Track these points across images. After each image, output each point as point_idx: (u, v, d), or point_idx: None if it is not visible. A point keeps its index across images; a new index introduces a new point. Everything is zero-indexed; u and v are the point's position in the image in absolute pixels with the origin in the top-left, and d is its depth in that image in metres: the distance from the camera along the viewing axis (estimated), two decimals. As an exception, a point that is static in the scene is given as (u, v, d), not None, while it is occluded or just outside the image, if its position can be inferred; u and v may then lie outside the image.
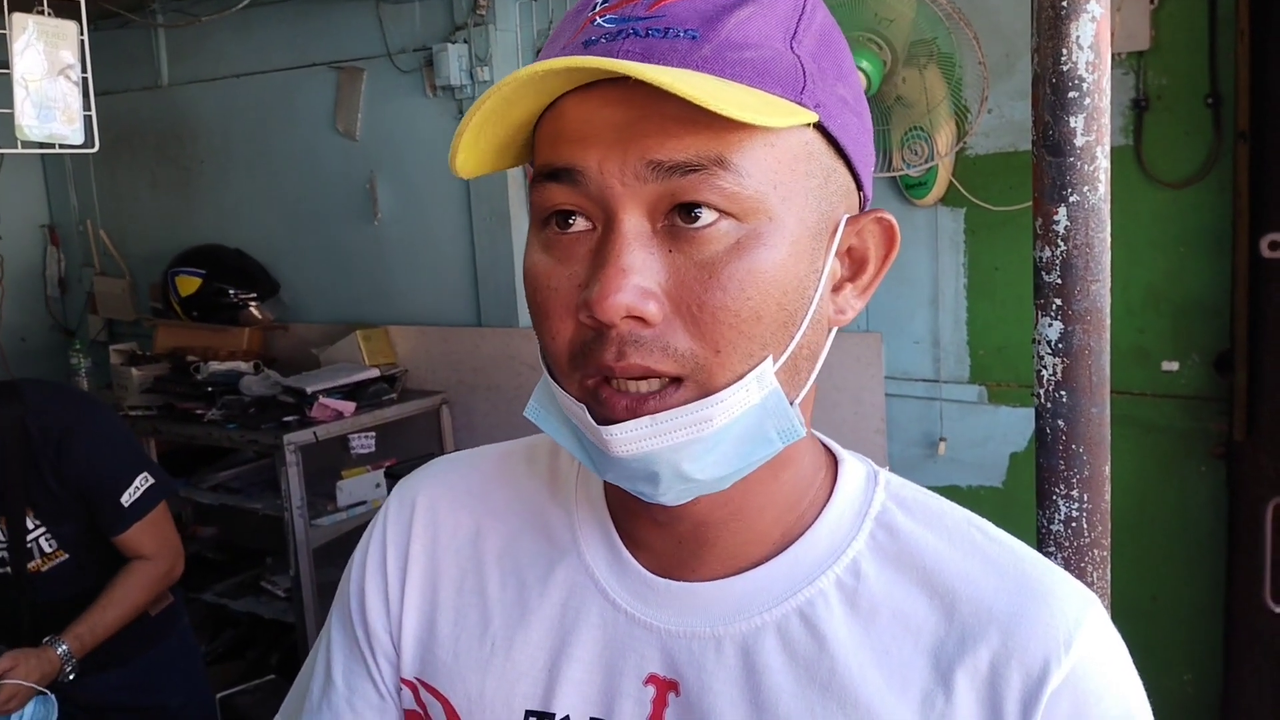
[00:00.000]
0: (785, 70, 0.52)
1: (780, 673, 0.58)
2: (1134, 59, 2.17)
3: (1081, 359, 0.98)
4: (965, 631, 0.57)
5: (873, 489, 0.63)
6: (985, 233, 2.39)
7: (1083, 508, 1.02)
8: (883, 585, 0.59)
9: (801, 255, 0.54)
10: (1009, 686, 0.55)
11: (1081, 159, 0.94)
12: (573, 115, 0.52)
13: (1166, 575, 2.29)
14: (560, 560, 0.65)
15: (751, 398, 0.53)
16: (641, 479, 0.55)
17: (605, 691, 0.62)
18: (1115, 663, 0.58)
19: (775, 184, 0.52)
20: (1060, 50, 0.92)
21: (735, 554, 0.61)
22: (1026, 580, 0.58)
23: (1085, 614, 0.57)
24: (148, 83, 3.76)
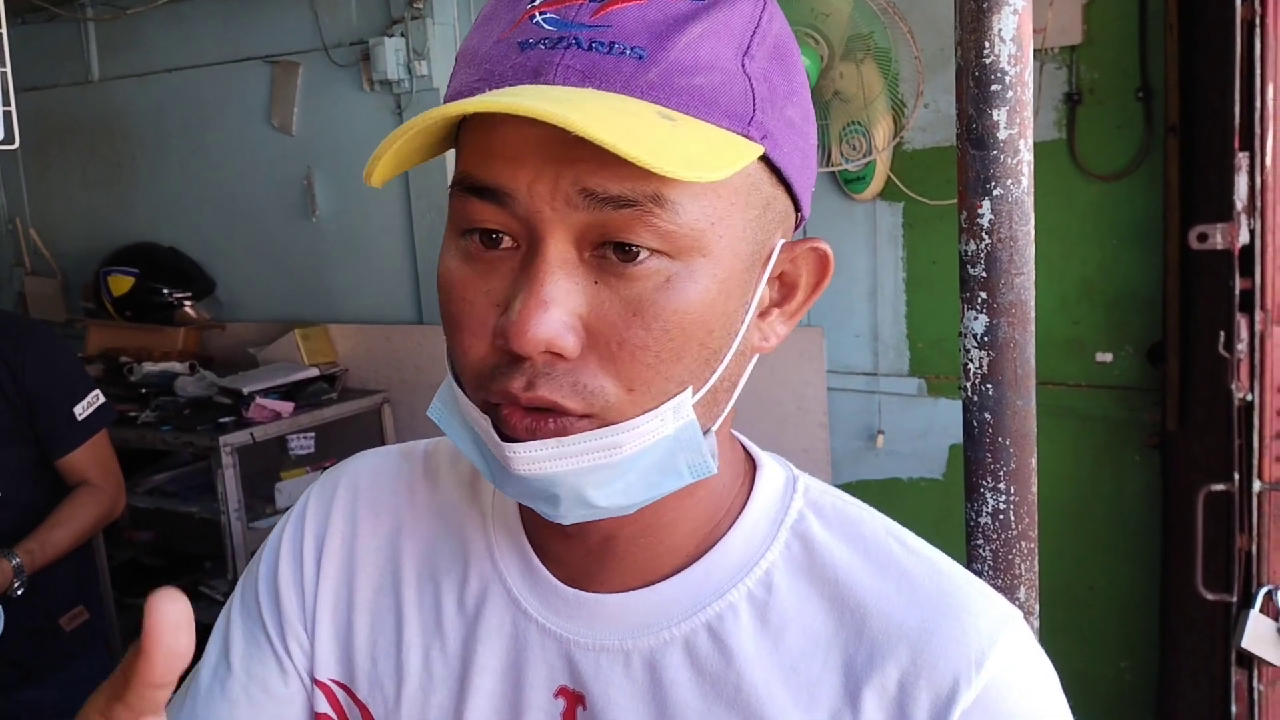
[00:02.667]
0: (735, 97, 0.50)
1: (686, 688, 0.57)
2: (1066, 53, 2.19)
3: (1007, 352, 0.98)
4: (875, 648, 0.55)
5: (790, 497, 0.61)
6: (923, 227, 2.40)
7: (1010, 500, 1.02)
8: (794, 599, 0.57)
9: (733, 290, 0.52)
10: (917, 706, 0.54)
11: (1005, 152, 0.94)
12: (504, 130, 0.49)
13: (1103, 564, 2.32)
14: (475, 567, 0.64)
15: (665, 428, 0.51)
16: (541, 499, 0.53)
17: (515, 703, 0.60)
18: (1033, 682, 0.55)
19: (713, 220, 0.50)
20: (983, 43, 0.91)
21: (646, 567, 0.59)
22: (941, 596, 0.56)
23: (1001, 632, 0.55)
24: (78, 78, 3.66)
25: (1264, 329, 1.60)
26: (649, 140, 0.45)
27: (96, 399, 1.87)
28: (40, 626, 1.83)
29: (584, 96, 0.47)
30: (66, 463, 1.85)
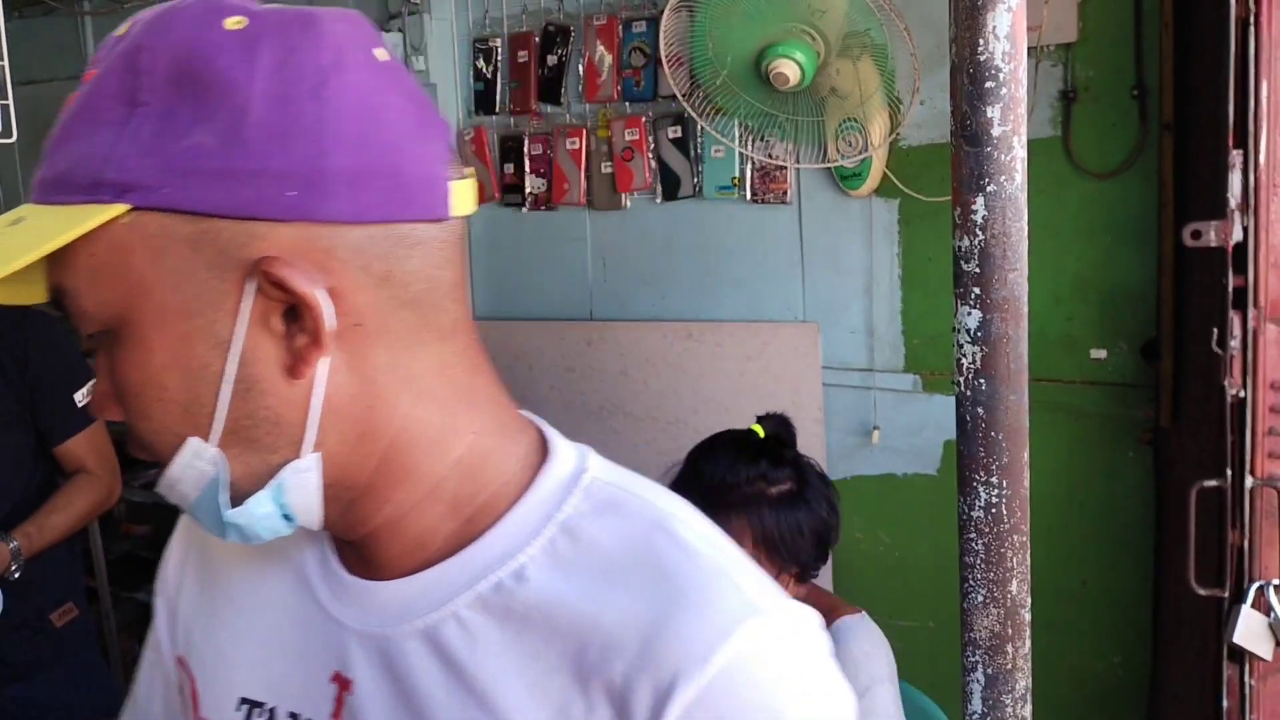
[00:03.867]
0: (84, 170, 0.52)
1: (432, 676, 0.58)
2: (1062, 51, 2.20)
3: (1000, 347, 0.99)
4: (609, 640, 0.55)
5: (569, 491, 0.60)
6: (919, 223, 2.41)
7: (1002, 494, 1.03)
8: (544, 592, 0.57)
9: (180, 340, 0.53)
10: (639, 700, 0.53)
11: (999, 149, 0.95)
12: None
13: (1096, 560, 2.33)
14: (283, 555, 0.67)
15: (200, 469, 0.55)
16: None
17: (303, 685, 0.64)
18: (770, 679, 0.54)
19: (119, 289, 0.53)
20: (977, 40, 0.92)
21: (405, 557, 0.60)
22: (684, 588, 0.55)
23: (737, 627, 0.54)
24: (75, 72, 3.65)
25: (1257, 326, 1.60)
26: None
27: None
28: (31, 623, 1.84)
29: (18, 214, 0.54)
30: (65, 449, 1.86)
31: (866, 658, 1.54)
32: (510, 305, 3.00)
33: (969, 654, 0.98)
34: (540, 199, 2.86)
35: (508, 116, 2.87)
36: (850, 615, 1.59)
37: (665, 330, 2.72)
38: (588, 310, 2.88)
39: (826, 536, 1.56)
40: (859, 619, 1.59)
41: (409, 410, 0.57)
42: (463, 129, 2.94)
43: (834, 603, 1.63)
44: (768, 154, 2.40)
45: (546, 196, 2.85)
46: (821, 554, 1.57)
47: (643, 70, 2.63)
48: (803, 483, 1.54)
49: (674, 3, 2.25)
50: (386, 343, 0.56)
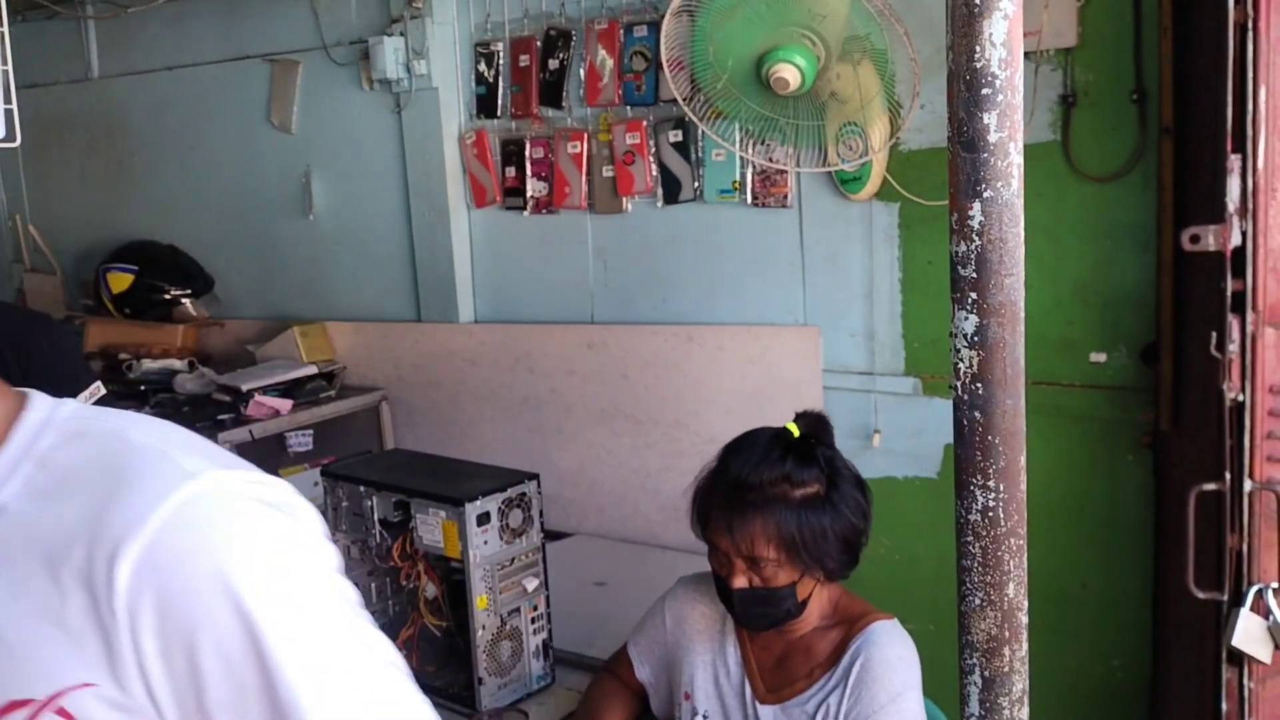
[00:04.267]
0: None
1: None
2: (1062, 55, 2.21)
3: (997, 352, 1.00)
4: (70, 537, 0.62)
5: (41, 434, 0.67)
6: (919, 227, 2.41)
7: (999, 498, 1.04)
8: (20, 518, 0.63)
9: None
10: (97, 573, 0.60)
11: (995, 155, 0.95)
12: None
13: (1096, 562, 2.33)
14: None
15: None
16: None
17: None
18: (205, 526, 0.62)
19: None
20: (974, 47, 0.93)
21: None
22: (127, 475, 0.63)
23: (171, 491, 0.62)
24: (77, 75, 3.67)
25: (1255, 330, 1.61)
26: None
27: (99, 390, 1.92)
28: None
29: None
30: None
31: (900, 662, 1.53)
32: (511, 308, 3.00)
33: (966, 657, 0.98)
34: (541, 202, 2.87)
35: (509, 120, 2.88)
36: (883, 620, 1.57)
37: (666, 333, 2.73)
38: (589, 313, 2.89)
39: (854, 541, 1.54)
40: (891, 624, 1.57)
41: None
42: (464, 133, 2.95)
43: (865, 607, 1.60)
44: (768, 158, 2.41)
45: (548, 200, 2.85)
46: (850, 558, 1.55)
47: (644, 74, 2.64)
48: (831, 485, 1.53)
49: (675, 7, 2.26)
50: None
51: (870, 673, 1.50)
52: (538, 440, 2.89)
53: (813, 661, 1.57)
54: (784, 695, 1.57)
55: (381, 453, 2.90)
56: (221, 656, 0.61)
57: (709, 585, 1.64)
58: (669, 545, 2.69)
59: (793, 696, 1.56)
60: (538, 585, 1.87)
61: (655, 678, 1.71)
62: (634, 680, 1.72)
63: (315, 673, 0.63)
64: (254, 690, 0.62)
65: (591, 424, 2.83)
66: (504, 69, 2.86)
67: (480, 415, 2.98)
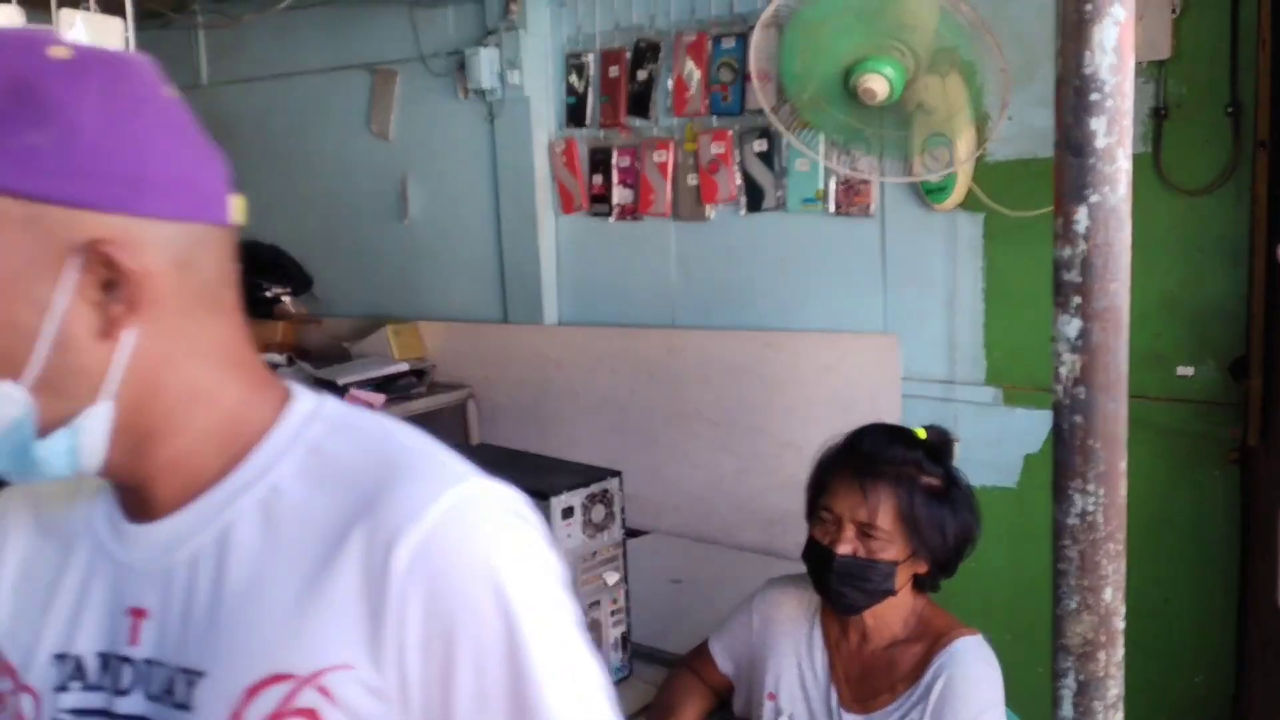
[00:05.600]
0: None
1: (210, 583, 0.69)
2: (1154, 68, 2.20)
3: (1099, 356, 1.02)
4: (349, 518, 0.67)
5: (311, 423, 0.73)
6: (1003, 237, 2.42)
7: (1098, 502, 1.06)
8: (299, 498, 0.69)
9: (4, 299, 0.63)
10: (373, 557, 0.65)
11: (1102, 160, 0.98)
12: None
13: (1180, 578, 2.31)
14: (82, 522, 0.77)
15: (8, 411, 0.64)
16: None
17: (105, 627, 0.73)
18: (473, 530, 0.67)
19: None
20: (1083, 53, 0.96)
21: (170, 499, 0.71)
22: (400, 469, 0.68)
23: (445, 489, 0.67)
24: (187, 82, 3.85)
25: (1349, 345, 1.60)
26: None
27: None
28: None
29: None
30: None
31: (984, 681, 1.53)
32: (595, 311, 3.08)
33: (1061, 660, 1.01)
34: (627, 209, 2.94)
35: (597, 129, 2.95)
36: (969, 636, 1.57)
37: (745, 339, 2.77)
38: (670, 318, 2.95)
39: (963, 547, 1.57)
40: (976, 641, 1.56)
41: (193, 371, 0.69)
42: (554, 141, 3.03)
43: (950, 622, 1.60)
44: (852, 167, 2.44)
45: (633, 207, 2.92)
46: (953, 563, 1.58)
47: (730, 85, 2.69)
48: (953, 485, 1.58)
49: (765, 19, 2.31)
50: (181, 316, 0.68)
51: (953, 690, 1.51)
52: (618, 440, 2.95)
53: (896, 675, 1.58)
54: (868, 706, 1.59)
55: (468, 447, 2.99)
56: (478, 653, 0.65)
57: (798, 588, 1.67)
58: (744, 546, 2.73)
59: (876, 709, 1.58)
60: (618, 579, 1.92)
61: (738, 675, 1.74)
62: (713, 676, 1.76)
63: (563, 683, 0.67)
64: (502, 690, 0.66)
65: (670, 425, 2.89)
66: (594, 80, 2.93)
67: (562, 414, 3.06)
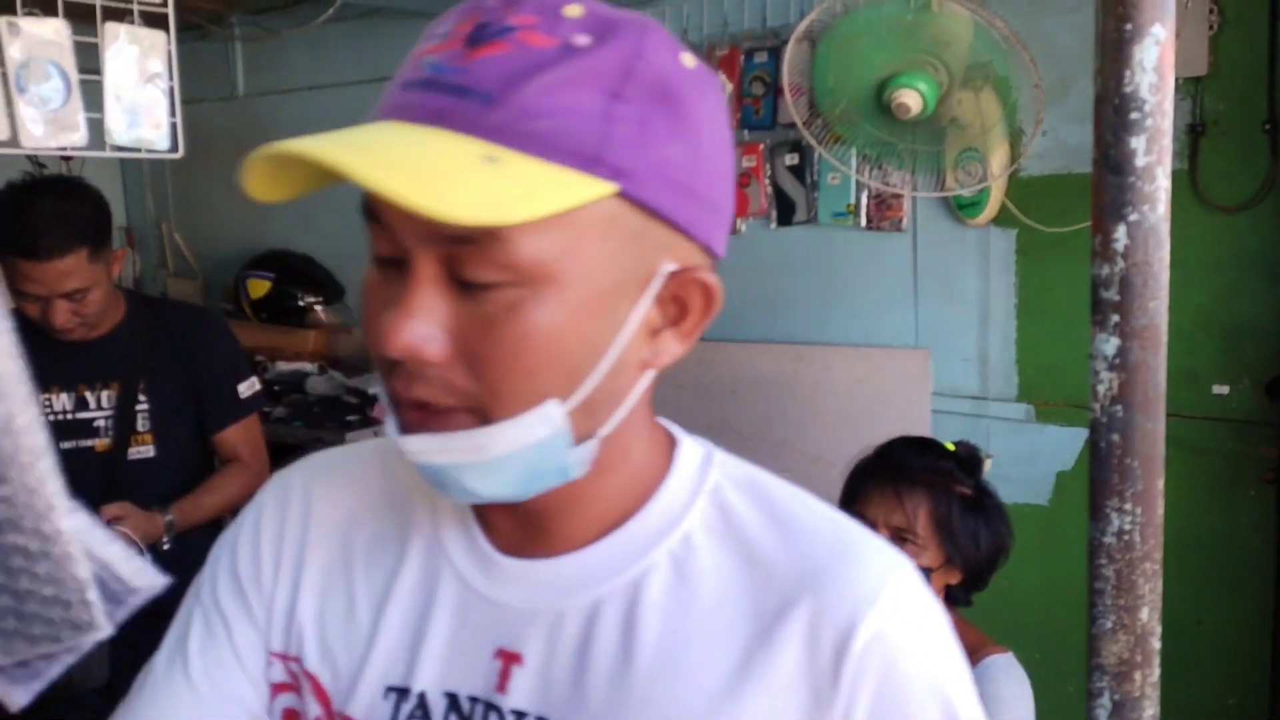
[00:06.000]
0: (582, 139, 0.53)
1: (613, 641, 0.63)
2: (1191, 84, 2.19)
3: (1138, 375, 1.02)
4: (783, 595, 0.61)
5: (707, 470, 0.67)
6: (1037, 253, 2.41)
7: (1135, 521, 1.06)
8: (710, 557, 0.63)
9: (592, 313, 0.56)
10: (822, 642, 0.60)
11: (1142, 179, 0.98)
12: None
13: (1213, 598, 2.29)
14: (421, 545, 0.69)
15: (534, 434, 0.57)
16: (433, 482, 0.60)
17: (458, 666, 0.66)
18: (926, 623, 0.62)
19: (562, 250, 0.54)
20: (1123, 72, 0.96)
21: (574, 534, 0.65)
22: (839, 545, 0.63)
23: (893, 574, 0.62)
24: (224, 93, 3.90)
25: (1390, 366, 1.58)
26: (449, 185, 0.50)
27: (255, 384, 2.06)
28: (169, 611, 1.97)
29: (422, 137, 0.52)
30: (223, 438, 2.02)
31: (1015, 701, 1.51)
32: (625, 323, 3.08)
33: (1096, 679, 1.00)
34: (658, 221, 2.94)
35: (629, 141, 2.96)
36: (999, 654, 1.55)
37: (775, 352, 2.77)
38: (700, 330, 2.94)
39: (995, 558, 1.57)
40: (1008, 659, 1.55)
41: (646, 409, 0.66)
42: (585, 152, 3.05)
43: (980, 639, 1.59)
44: (884, 182, 2.44)
45: (664, 219, 2.93)
46: (986, 575, 1.58)
47: (762, 99, 2.70)
48: (985, 495, 1.59)
49: (798, 34, 2.32)
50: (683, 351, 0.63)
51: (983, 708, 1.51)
52: (646, 452, 2.95)
53: None
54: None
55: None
56: None
57: None
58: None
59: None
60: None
61: None
62: None
63: None
64: None
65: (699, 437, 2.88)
66: (626, 92, 2.95)
67: (591, 426, 3.06)
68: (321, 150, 0.50)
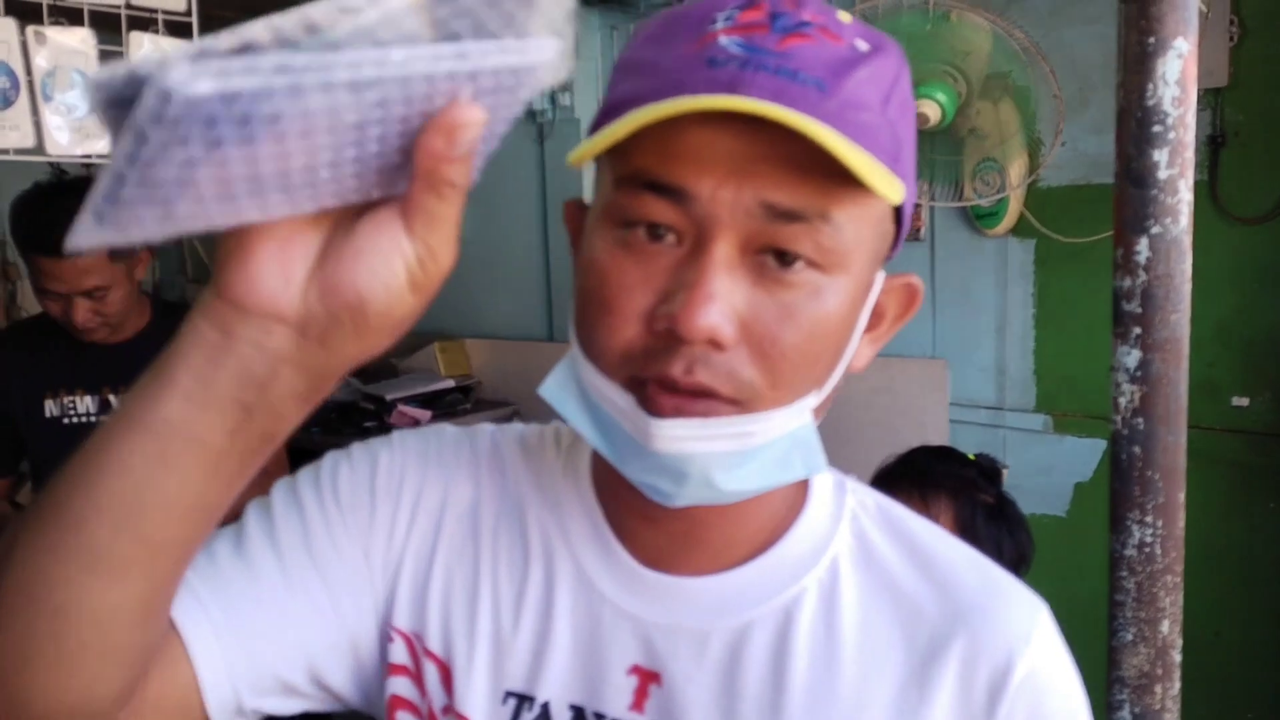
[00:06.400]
0: (886, 137, 0.55)
1: (762, 667, 0.61)
2: (1211, 95, 2.18)
3: (1160, 387, 1.02)
4: (935, 631, 0.61)
5: (843, 495, 0.67)
6: (1055, 263, 2.40)
7: (1157, 534, 1.06)
8: (855, 587, 0.63)
9: (855, 307, 0.57)
10: (978, 679, 0.60)
11: (1164, 192, 0.98)
12: (695, 136, 0.52)
13: (1231, 611, 2.27)
14: (546, 546, 0.66)
15: (790, 424, 0.56)
16: (667, 476, 0.56)
17: (587, 679, 0.63)
18: (1065, 660, 0.64)
19: (858, 242, 0.55)
20: (1146, 85, 0.96)
21: (722, 552, 0.63)
22: (986, 584, 0.63)
23: (1039, 613, 0.63)
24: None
25: None
26: (859, 156, 0.50)
27: None
28: None
29: (782, 115, 0.50)
30: None
31: None
32: (641, 331, 3.09)
33: (1116, 692, 1.00)
34: (675, 229, 2.95)
35: (647, 150, 2.97)
36: None
37: (792, 361, 2.76)
38: (716, 338, 2.95)
39: (1018, 568, 1.56)
40: None
41: None
42: (603, 161, 3.06)
43: None
44: (902, 191, 2.44)
45: (681, 227, 2.93)
46: None
47: (780, 108, 2.70)
48: (1007, 504, 1.59)
49: (816, 44, 2.32)
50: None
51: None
52: (662, 460, 2.96)
53: None
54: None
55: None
56: None
57: None
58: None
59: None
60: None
61: None
62: None
63: None
64: None
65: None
66: (644, 101, 2.96)
67: (607, 433, 3.07)
68: (773, 110, 0.49)
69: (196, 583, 0.60)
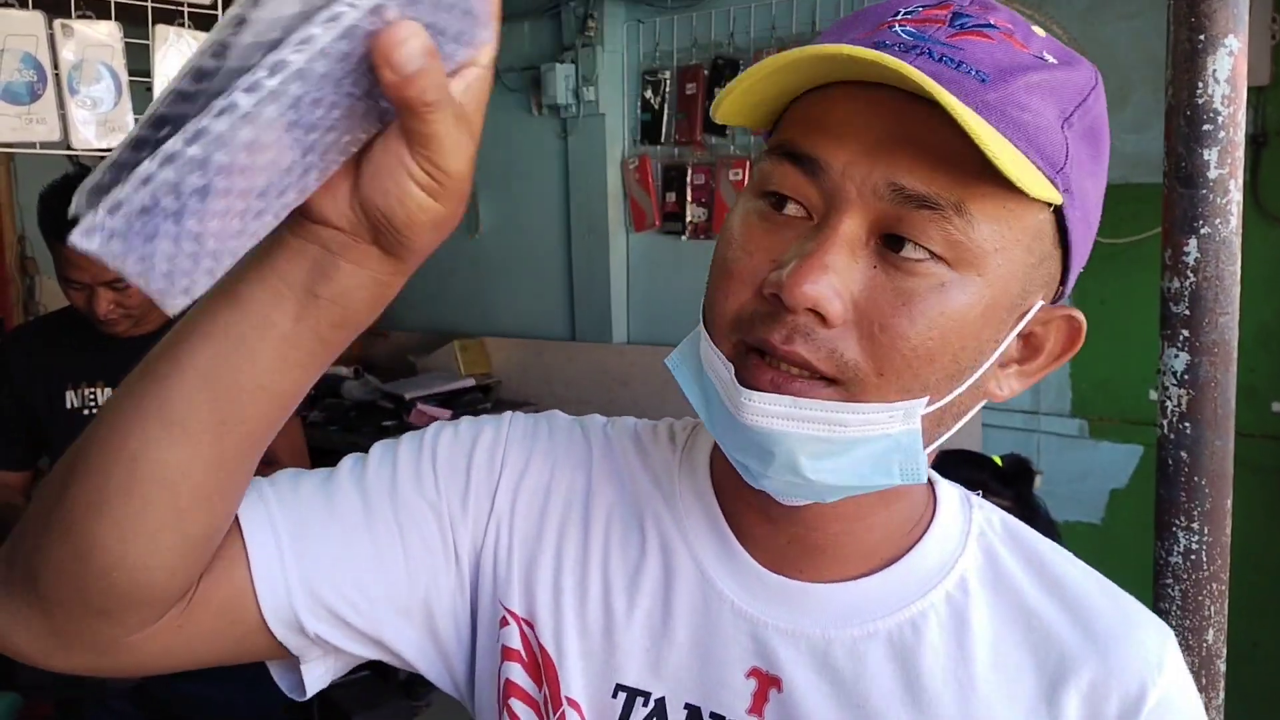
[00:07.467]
0: (1051, 145, 0.53)
1: (887, 679, 0.60)
2: (1253, 94, 2.14)
3: (1207, 391, 0.98)
4: (1065, 654, 0.59)
5: (969, 511, 0.65)
6: (1094, 265, 2.30)
7: (1203, 540, 1.02)
8: (985, 605, 0.61)
9: (991, 320, 0.54)
10: (1109, 705, 0.58)
11: (1214, 192, 0.94)
12: (839, 109, 0.53)
13: (1269, 621, 2.23)
14: (662, 540, 0.65)
15: (892, 426, 0.54)
16: (754, 453, 0.55)
17: (704, 679, 0.62)
18: (1192, 687, 0.62)
19: (998, 246, 0.53)
20: (1196, 83, 0.92)
21: (845, 562, 0.62)
22: (1116, 609, 0.61)
23: (1168, 640, 0.61)
24: (263, 95, 3.91)
25: None
26: (994, 136, 0.49)
27: None
28: None
29: (919, 78, 0.49)
30: None
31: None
32: (664, 330, 3.05)
33: (1159, 703, 0.97)
34: (700, 227, 2.92)
35: (673, 146, 2.94)
36: None
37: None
38: (740, 339, 2.91)
39: None
40: None
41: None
42: (628, 158, 3.02)
43: None
44: (934, 191, 2.40)
45: (706, 225, 2.90)
46: None
47: (809, 105, 2.67)
48: (1027, 508, 1.55)
49: (850, 40, 2.28)
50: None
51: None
52: (684, 461, 2.92)
53: None
54: None
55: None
56: None
57: None
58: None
59: None
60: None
61: None
62: None
63: None
64: None
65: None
66: (670, 96, 2.92)
67: (628, 434, 3.03)
68: (903, 68, 0.49)
69: (273, 500, 0.61)
